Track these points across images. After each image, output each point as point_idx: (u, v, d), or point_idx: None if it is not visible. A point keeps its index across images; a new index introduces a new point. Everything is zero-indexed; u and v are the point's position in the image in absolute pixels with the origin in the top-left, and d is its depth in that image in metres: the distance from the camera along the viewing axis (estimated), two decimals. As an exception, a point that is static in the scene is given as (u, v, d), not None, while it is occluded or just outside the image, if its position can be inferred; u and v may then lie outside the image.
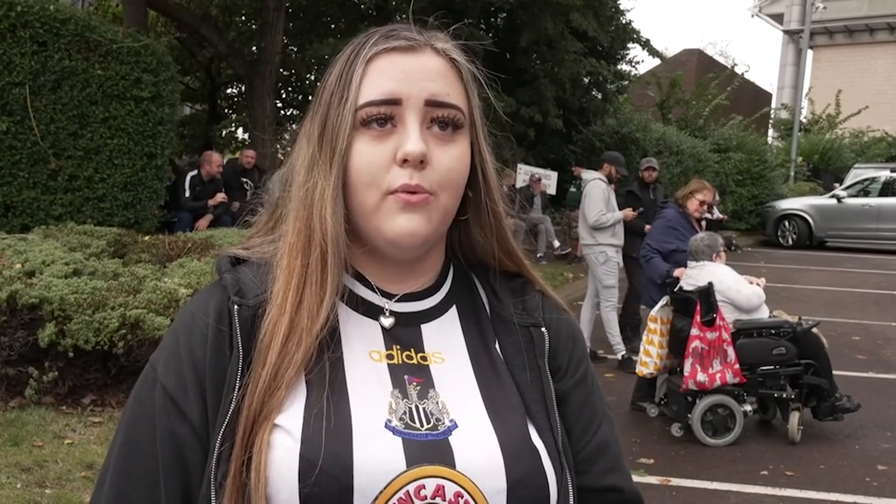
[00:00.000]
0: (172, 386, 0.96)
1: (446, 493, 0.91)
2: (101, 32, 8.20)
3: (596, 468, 1.05)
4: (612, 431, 1.10)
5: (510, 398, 1.01)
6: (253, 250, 1.06)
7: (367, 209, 0.97)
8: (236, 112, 17.79)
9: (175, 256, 6.27)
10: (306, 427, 0.91)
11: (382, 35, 1.00)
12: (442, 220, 1.00)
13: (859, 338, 9.27)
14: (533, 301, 1.10)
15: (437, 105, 0.98)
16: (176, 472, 0.94)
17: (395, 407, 0.95)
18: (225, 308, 0.98)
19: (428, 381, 0.99)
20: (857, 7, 37.19)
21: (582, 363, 1.10)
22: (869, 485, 4.89)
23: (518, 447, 0.96)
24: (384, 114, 0.96)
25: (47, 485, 3.83)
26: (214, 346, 0.97)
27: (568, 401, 1.06)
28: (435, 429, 0.94)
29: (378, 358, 0.99)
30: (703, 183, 6.98)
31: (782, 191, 23.36)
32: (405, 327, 1.03)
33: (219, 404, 0.94)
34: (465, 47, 1.06)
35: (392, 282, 1.05)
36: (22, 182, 7.71)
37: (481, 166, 1.05)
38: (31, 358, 4.77)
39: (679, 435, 5.62)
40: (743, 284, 5.78)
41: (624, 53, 18.09)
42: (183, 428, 0.95)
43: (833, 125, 31.58)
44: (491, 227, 1.08)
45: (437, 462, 0.91)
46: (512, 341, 1.06)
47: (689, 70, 27.67)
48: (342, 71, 0.99)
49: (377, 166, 0.96)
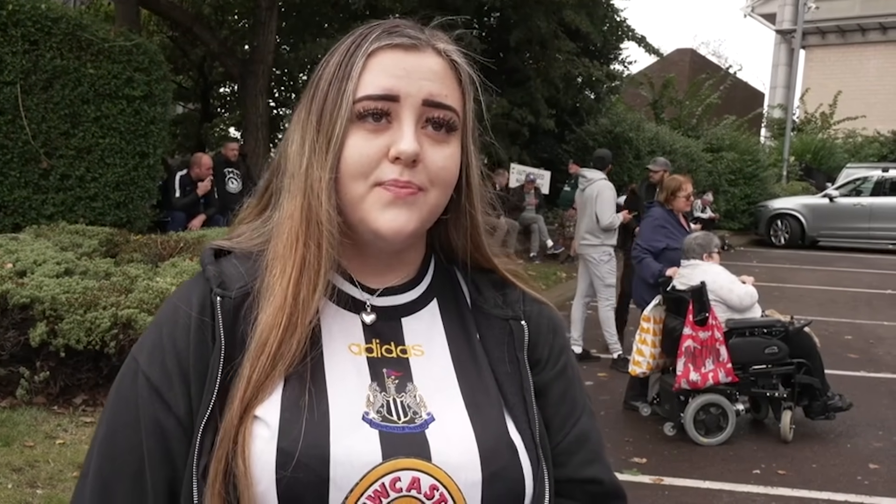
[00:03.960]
0: (157, 377, 0.96)
1: (422, 486, 0.91)
2: (92, 31, 8.16)
3: (575, 460, 1.06)
4: (591, 423, 1.10)
5: (489, 391, 1.01)
6: (237, 241, 1.06)
7: (353, 199, 0.97)
8: (229, 111, 17.74)
9: (167, 256, 6.26)
10: (284, 418, 0.91)
11: (385, 30, 1.00)
12: (429, 216, 1.00)
13: (851, 337, 9.30)
14: (513, 294, 1.11)
15: (434, 105, 0.98)
16: (161, 463, 0.95)
17: (372, 400, 0.96)
18: (207, 300, 0.99)
19: (406, 374, 1.00)
20: (849, 7, 37.33)
21: (562, 355, 1.11)
22: (861, 483, 4.91)
23: (494, 441, 0.96)
24: (381, 109, 0.96)
25: (38, 485, 3.81)
26: (198, 338, 0.97)
27: (547, 393, 1.07)
28: (412, 422, 0.95)
29: (357, 351, 1.00)
30: (677, 179, 6.90)
31: (775, 190, 23.42)
32: (385, 321, 1.04)
33: (201, 395, 0.95)
34: (464, 49, 1.06)
35: (373, 275, 1.06)
36: (13, 181, 7.67)
37: (466, 171, 1.05)
38: (23, 358, 4.75)
39: (672, 434, 5.63)
40: (736, 284, 5.79)
41: (617, 53, 18.10)
42: (168, 419, 0.95)
43: (827, 125, 31.67)
44: (466, 230, 1.08)
45: (413, 455, 0.92)
46: (492, 334, 1.07)
47: (682, 70, 27.74)
48: (341, 61, 0.99)
49: (369, 159, 0.96)
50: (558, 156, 16.74)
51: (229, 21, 15.72)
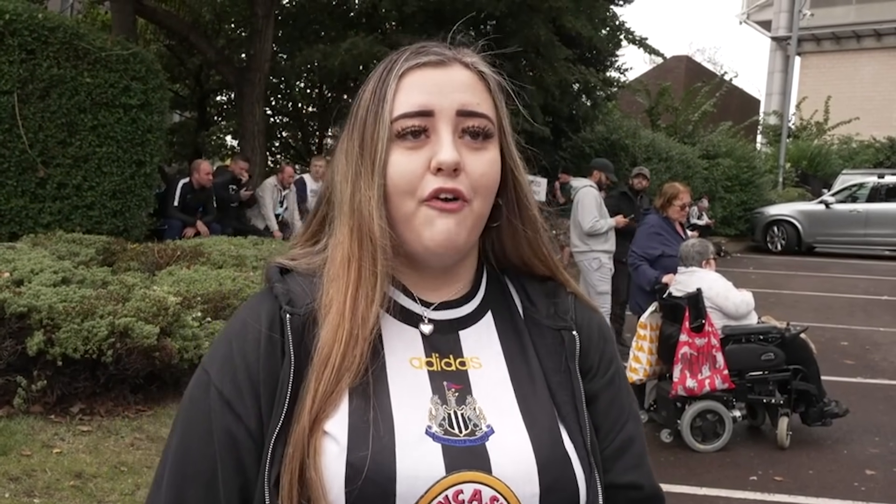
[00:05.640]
0: (228, 390, 1.00)
1: (483, 498, 0.94)
2: (89, 40, 8.18)
3: (619, 465, 1.08)
4: (637, 428, 1.13)
5: (543, 402, 1.04)
6: (299, 261, 1.09)
7: (403, 216, 1.01)
8: (225, 119, 17.76)
9: (164, 264, 6.26)
10: (352, 433, 0.94)
11: (413, 52, 1.05)
12: (475, 225, 1.03)
13: (847, 343, 9.31)
14: (564, 304, 1.13)
15: (467, 115, 1.02)
16: (235, 472, 0.98)
17: (434, 413, 0.99)
18: (277, 316, 1.02)
19: (466, 387, 1.02)
20: (844, 14, 37.46)
21: (612, 363, 1.14)
22: (857, 489, 4.91)
23: (550, 452, 0.99)
24: (418, 126, 1.01)
25: (35, 494, 3.80)
26: (267, 353, 1.00)
27: (597, 400, 1.10)
28: (472, 434, 0.98)
29: (418, 365, 1.03)
30: (676, 187, 6.95)
31: (771, 197, 23.45)
32: (444, 334, 1.07)
33: (272, 409, 0.98)
34: (490, 60, 1.10)
35: (429, 290, 1.09)
36: (10, 190, 7.67)
37: (513, 172, 1.10)
38: (20, 367, 4.74)
39: (668, 441, 5.64)
40: (732, 292, 5.79)
41: (613, 60, 18.13)
42: (240, 430, 0.98)
43: (822, 132, 31.74)
44: (523, 233, 1.11)
45: (474, 468, 0.95)
46: (544, 343, 1.09)
47: (678, 77, 27.78)
48: (376, 87, 1.04)
49: (413, 174, 1.00)
50: (555, 163, 16.76)
51: (226, 30, 15.74)
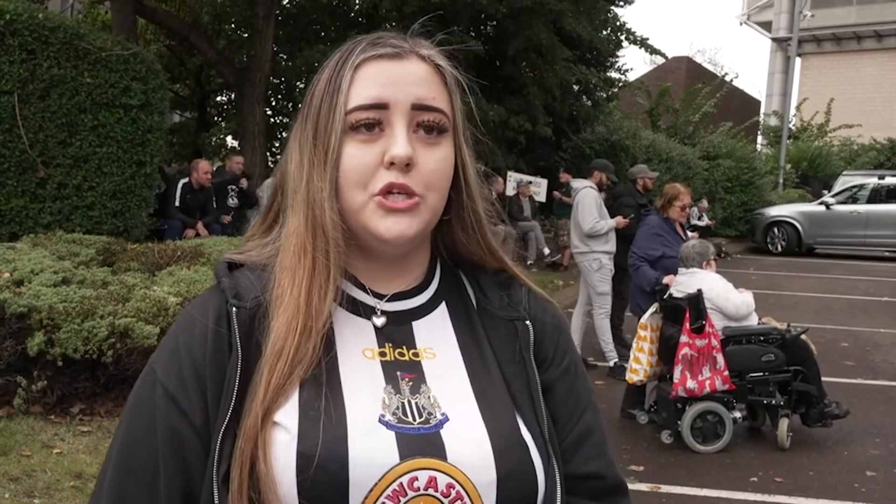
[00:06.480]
0: (174, 386, 0.98)
1: (438, 485, 0.94)
2: (89, 40, 8.19)
3: (579, 455, 1.08)
4: (596, 419, 1.12)
5: (499, 391, 1.04)
6: (248, 254, 1.09)
7: (353, 208, 1.01)
8: (226, 120, 17.77)
9: (164, 265, 6.25)
10: (303, 423, 0.94)
11: (369, 43, 1.04)
12: (430, 219, 1.03)
13: (848, 344, 9.31)
14: (517, 295, 1.13)
15: (422, 109, 1.01)
16: (177, 470, 0.97)
17: (388, 402, 0.98)
18: (223, 311, 1.01)
19: (420, 376, 1.02)
20: (844, 15, 37.47)
21: (567, 353, 1.14)
22: (858, 491, 4.91)
23: (507, 440, 0.99)
24: (372, 119, 1.00)
25: (36, 495, 3.80)
26: (214, 348, 1.00)
27: (554, 390, 1.10)
28: (427, 422, 0.98)
29: (371, 355, 1.03)
30: (677, 188, 6.95)
31: (771, 198, 23.44)
32: (396, 325, 1.06)
33: (219, 403, 0.97)
34: (449, 54, 1.09)
35: (382, 281, 1.08)
36: (10, 190, 7.68)
37: (462, 168, 1.08)
38: (20, 367, 4.74)
39: (669, 442, 5.64)
40: (732, 293, 5.78)
41: (613, 61, 18.14)
42: (185, 427, 0.97)
43: (823, 133, 31.73)
44: (472, 227, 1.11)
45: (429, 455, 0.95)
46: (498, 335, 1.09)
47: (678, 77, 27.81)
48: (331, 77, 1.03)
49: (366, 167, 0.99)
50: (555, 164, 16.76)
51: (226, 30, 15.75)
